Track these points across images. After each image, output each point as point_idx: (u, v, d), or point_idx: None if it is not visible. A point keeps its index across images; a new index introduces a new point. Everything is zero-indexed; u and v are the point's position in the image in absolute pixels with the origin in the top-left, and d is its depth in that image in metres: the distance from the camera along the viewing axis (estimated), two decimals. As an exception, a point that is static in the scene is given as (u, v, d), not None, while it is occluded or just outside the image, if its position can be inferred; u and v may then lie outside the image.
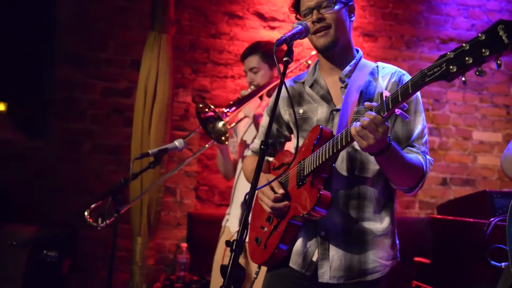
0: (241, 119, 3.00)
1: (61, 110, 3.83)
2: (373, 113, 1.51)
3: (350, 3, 1.85)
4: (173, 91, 3.53)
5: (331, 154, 1.68)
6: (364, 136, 1.53)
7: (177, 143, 2.47)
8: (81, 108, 3.86)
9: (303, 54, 3.96)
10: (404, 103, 1.48)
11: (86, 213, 2.15)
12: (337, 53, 1.85)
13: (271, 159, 2.10)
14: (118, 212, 2.12)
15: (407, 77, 1.83)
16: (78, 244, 3.51)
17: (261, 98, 2.88)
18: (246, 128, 3.01)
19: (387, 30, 4.23)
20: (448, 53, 1.35)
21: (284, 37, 1.53)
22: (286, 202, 1.78)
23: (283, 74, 1.51)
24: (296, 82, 2.00)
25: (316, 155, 1.73)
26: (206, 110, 2.68)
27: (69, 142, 3.82)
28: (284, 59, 1.53)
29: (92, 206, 2.19)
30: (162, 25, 3.39)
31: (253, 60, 2.87)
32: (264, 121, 2.15)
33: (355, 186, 1.78)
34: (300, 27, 1.61)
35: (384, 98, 1.50)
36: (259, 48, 2.91)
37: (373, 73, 1.86)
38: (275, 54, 1.48)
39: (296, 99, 1.95)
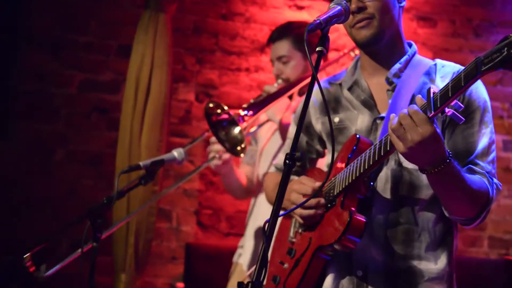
0: (263, 123, 3.00)
1: (28, 107, 3.88)
2: (415, 107, 1.54)
3: None
4: (172, 86, 3.56)
5: (366, 167, 1.69)
6: (400, 136, 1.54)
7: (176, 153, 2.49)
8: (54, 106, 3.91)
9: (339, 42, 3.97)
10: (459, 103, 1.50)
11: (25, 256, 2.15)
12: (383, 48, 1.87)
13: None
14: (98, 241, 2.14)
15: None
16: (43, 282, 3.53)
17: (290, 97, 2.89)
18: (270, 134, 3.01)
19: (450, 12, 4.21)
20: (511, 35, 1.37)
21: (318, 21, 1.54)
22: (320, 199, 1.80)
23: (316, 68, 1.53)
24: (331, 84, 2.03)
25: (349, 170, 1.76)
26: (219, 111, 2.70)
27: (37, 148, 3.86)
28: (317, 49, 1.54)
29: (37, 248, 2.18)
30: (159, 1, 3.43)
31: (283, 46, 2.88)
32: (291, 131, 2.18)
33: (403, 213, 1.79)
34: (339, 7, 1.63)
35: (431, 95, 1.52)
36: (291, 31, 2.90)
37: (430, 73, 1.88)
38: (306, 42, 1.49)
39: (331, 105, 1.98)
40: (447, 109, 1.50)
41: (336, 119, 1.94)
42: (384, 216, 1.79)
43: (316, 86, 1.54)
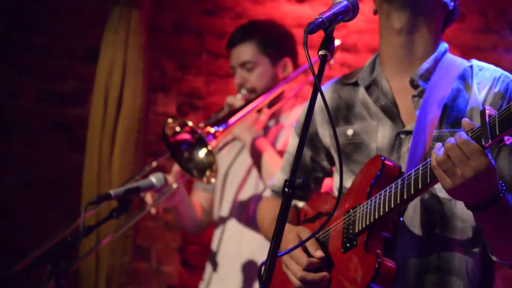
0: (226, 143, 3.03)
1: (-25, 124, 3.88)
2: (464, 135, 1.53)
3: None
4: (149, 96, 3.57)
5: (398, 202, 1.69)
6: (448, 170, 1.54)
7: (154, 179, 2.50)
8: (5, 120, 3.90)
9: (348, 41, 3.98)
10: None
11: None
12: (413, 35, 1.88)
13: (301, 204, 2.12)
14: (61, 287, 2.14)
15: None
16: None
17: (258, 111, 2.93)
18: (234, 154, 3.05)
19: (481, 3, 4.24)
20: None
21: (319, 20, 1.55)
22: (325, 273, 1.80)
23: (319, 77, 1.53)
24: (344, 85, 2.03)
25: (375, 203, 1.75)
26: (178, 129, 2.73)
27: (-15, 173, 3.85)
28: (320, 52, 1.55)
29: None
30: (132, -5, 3.46)
31: (247, 51, 2.95)
32: (291, 143, 2.18)
33: (435, 253, 1.79)
34: (345, 2, 1.63)
35: (487, 118, 1.50)
36: (256, 32, 2.99)
37: (465, 77, 1.89)
38: (306, 45, 1.49)
39: (342, 113, 1.97)
40: (506, 138, 1.49)
41: (350, 131, 1.94)
42: (412, 255, 1.79)
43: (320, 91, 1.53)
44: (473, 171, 1.51)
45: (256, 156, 2.80)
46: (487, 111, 1.51)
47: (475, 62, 1.95)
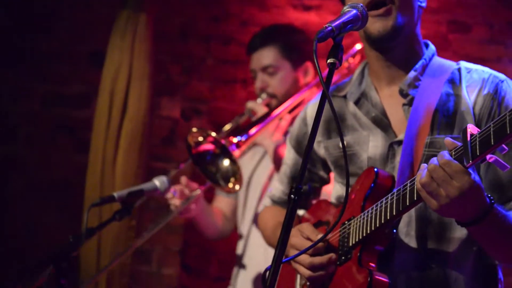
0: (249, 148, 3.03)
1: (-21, 126, 3.89)
2: (446, 155, 1.52)
3: None
4: (154, 100, 3.57)
5: (388, 217, 1.69)
6: (432, 191, 1.54)
7: (158, 182, 2.51)
8: (10, 124, 3.91)
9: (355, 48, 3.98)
10: (503, 145, 1.47)
11: None
12: (398, 48, 1.88)
13: (301, 212, 2.12)
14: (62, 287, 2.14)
15: (508, 86, 1.85)
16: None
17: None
18: (256, 160, 3.06)
19: (486, 14, 4.24)
20: None
21: (329, 28, 1.55)
22: (331, 254, 1.79)
23: (327, 85, 1.53)
24: (333, 96, 2.03)
25: (367, 217, 1.75)
26: (200, 139, 2.71)
27: (-10, 174, 3.86)
28: (328, 61, 1.55)
29: None
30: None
31: (269, 55, 2.94)
32: (288, 155, 2.18)
33: (432, 265, 1.78)
34: (354, 11, 1.63)
35: (468, 138, 1.50)
36: (279, 36, 2.97)
37: (454, 80, 1.89)
38: (315, 53, 1.49)
39: (334, 125, 1.98)
40: (488, 156, 1.48)
41: None
42: (408, 268, 1.78)
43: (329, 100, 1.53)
44: (458, 191, 1.52)
45: (279, 163, 2.79)
46: (468, 130, 1.50)
47: (463, 63, 1.94)
